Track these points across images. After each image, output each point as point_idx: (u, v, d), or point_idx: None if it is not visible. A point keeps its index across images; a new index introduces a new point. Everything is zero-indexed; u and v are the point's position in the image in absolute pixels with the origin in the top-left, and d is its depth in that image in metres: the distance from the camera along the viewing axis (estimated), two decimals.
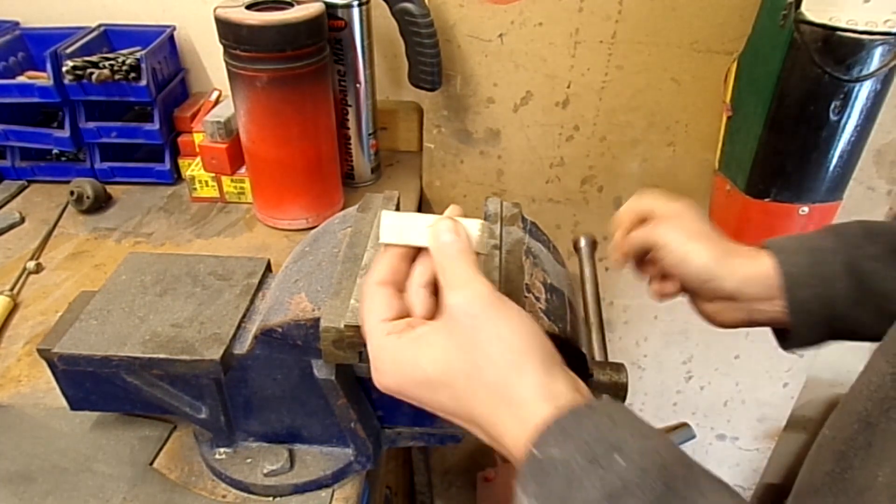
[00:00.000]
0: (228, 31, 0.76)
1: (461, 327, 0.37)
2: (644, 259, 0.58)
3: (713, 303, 0.56)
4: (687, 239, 0.54)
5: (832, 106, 0.74)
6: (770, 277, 0.52)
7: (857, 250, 0.51)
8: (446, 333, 0.37)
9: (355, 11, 0.86)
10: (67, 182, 0.95)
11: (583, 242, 0.63)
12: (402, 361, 0.38)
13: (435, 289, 0.41)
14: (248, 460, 0.57)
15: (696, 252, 0.53)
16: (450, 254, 0.39)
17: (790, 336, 0.54)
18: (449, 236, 0.40)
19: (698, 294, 0.56)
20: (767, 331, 0.58)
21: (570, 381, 0.36)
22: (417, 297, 0.41)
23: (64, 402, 0.58)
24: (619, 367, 0.54)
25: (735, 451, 1.42)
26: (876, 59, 0.70)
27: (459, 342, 0.37)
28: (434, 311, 0.40)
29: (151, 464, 0.59)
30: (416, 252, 0.42)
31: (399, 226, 0.41)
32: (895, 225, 0.53)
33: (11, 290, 0.78)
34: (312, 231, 0.59)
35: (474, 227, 0.41)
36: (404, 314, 0.40)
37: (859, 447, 0.37)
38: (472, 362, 0.36)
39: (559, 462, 0.32)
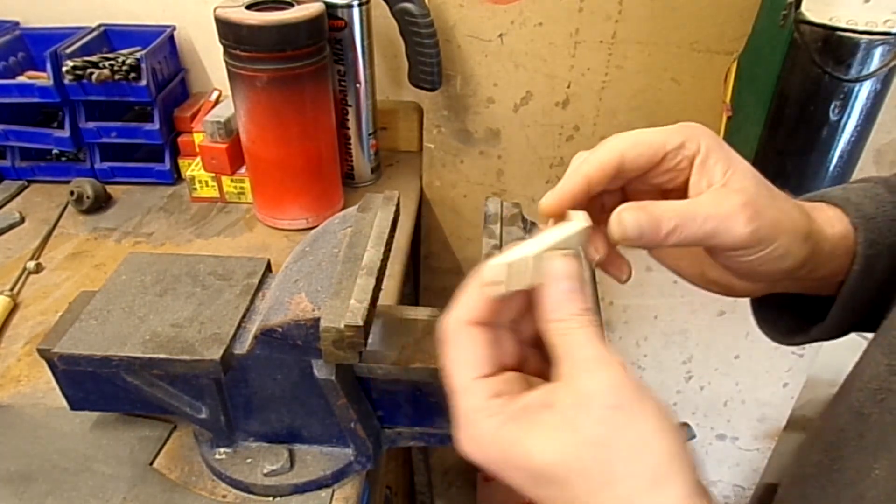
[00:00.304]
0: (228, 31, 0.76)
1: (594, 421, 0.30)
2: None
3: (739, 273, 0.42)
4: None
5: (832, 106, 0.74)
6: (841, 247, 0.41)
7: None
8: (572, 423, 0.30)
9: (355, 11, 0.86)
10: (67, 182, 0.95)
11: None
12: (503, 440, 0.31)
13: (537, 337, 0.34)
14: (248, 460, 0.57)
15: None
16: (574, 321, 0.32)
17: (817, 327, 0.45)
18: (567, 287, 0.32)
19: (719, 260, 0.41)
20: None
21: None
22: (528, 355, 0.35)
23: (64, 402, 0.58)
24: None
25: (735, 451, 1.42)
26: (876, 59, 0.70)
27: (589, 438, 0.29)
28: (546, 371, 0.33)
29: (151, 464, 0.59)
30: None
31: (505, 270, 0.32)
32: None
33: (11, 290, 0.78)
34: (312, 231, 0.59)
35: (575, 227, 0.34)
36: (502, 365, 0.34)
37: (850, 438, 0.36)
38: (602, 467, 0.29)
39: None
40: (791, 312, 0.47)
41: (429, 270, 1.22)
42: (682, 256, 0.45)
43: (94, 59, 0.91)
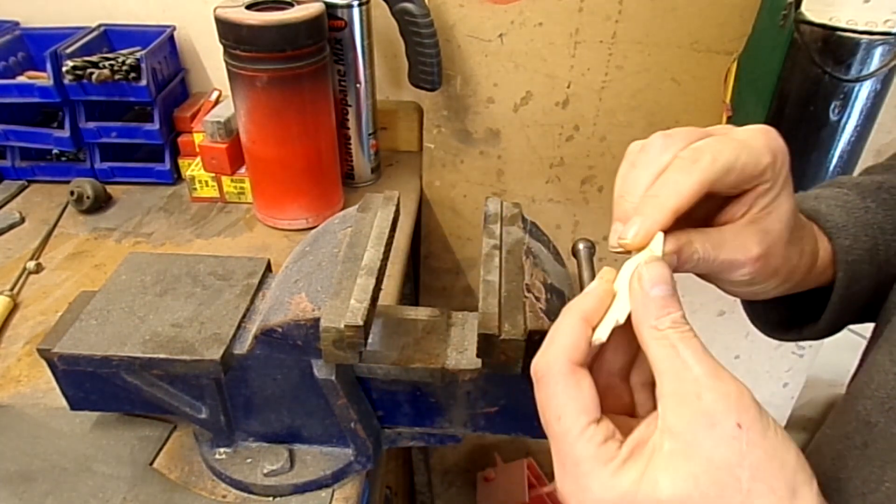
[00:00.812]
0: (228, 31, 0.76)
1: (719, 442, 0.28)
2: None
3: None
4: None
5: (832, 106, 0.74)
6: (824, 263, 0.42)
7: None
8: (696, 447, 0.28)
9: (355, 11, 0.86)
10: (67, 182, 0.95)
11: (581, 246, 0.63)
12: (622, 486, 0.29)
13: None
14: (248, 460, 0.57)
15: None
16: (673, 332, 0.30)
17: (810, 328, 0.46)
18: (661, 291, 0.31)
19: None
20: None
21: None
22: (640, 397, 0.33)
23: (64, 402, 0.58)
24: None
25: None
26: (876, 59, 0.70)
27: (719, 461, 0.28)
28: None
29: (151, 464, 0.59)
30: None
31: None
32: None
33: (11, 290, 0.78)
34: (312, 231, 0.59)
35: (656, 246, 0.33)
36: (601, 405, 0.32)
37: (855, 447, 0.35)
38: (737, 487, 0.28)
39: None
40: (782, 308, 0.46)
41: (429, 270, 1.22)
42: None
43: (94, 59, 0.91)
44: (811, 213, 0.43)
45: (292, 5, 0.79)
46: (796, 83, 0.75)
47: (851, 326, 0.47)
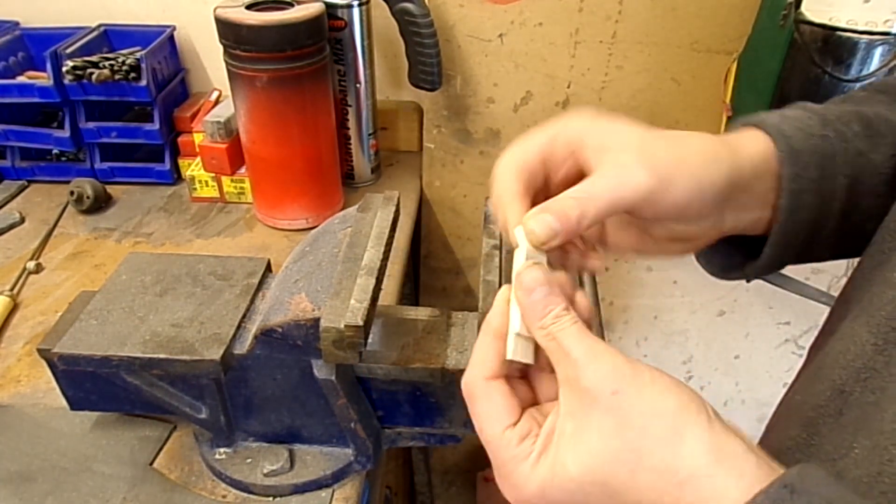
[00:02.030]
0: (228, 31, 0.76)
1: (603, 413, 0.31)
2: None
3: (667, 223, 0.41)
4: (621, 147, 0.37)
5: None
6: (770, 180, 0.40)
7: (860, 158, 0.42)
8: (586, 424, 0.31)
9: (355, 11, 0.86)
10: (67, 182, 0.95)
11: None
12: (541, 476, 0.32)
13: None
14: (248, 460, 0.57)
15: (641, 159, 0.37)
16: (555, 324, 0.33)
17: (753, 264, 0.44)
18: (540, 293, 0.34)
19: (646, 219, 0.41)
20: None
21: (740, 439, 0.30)
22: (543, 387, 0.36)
23: (64, 402, 0.58)
24: None
25: None
26: (876, 59, 0.70)
27: (606, 430, 0.31)
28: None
29: (151, 464, 0.59)
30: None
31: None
32: (889, 119, 0.43)
33: (11, 290, 0.78)
34: (312, 231, 0.59)
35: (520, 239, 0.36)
36: (521, 407, 0.35)
37: (829, 415, 0.36)
38: (629, 448, 0.30)
39: None
40: (727, 249, 0.46)
41: (429, 270, 1.22)
42: (625, 236, 0.44)
43: (94, 59, 0.91)
44: (772, 130, 0.41)
45: (292, 5, 0.79)
46: (796, 83, 0.75)
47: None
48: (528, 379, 0.37)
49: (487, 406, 0.34)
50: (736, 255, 0.45)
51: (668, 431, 0.30)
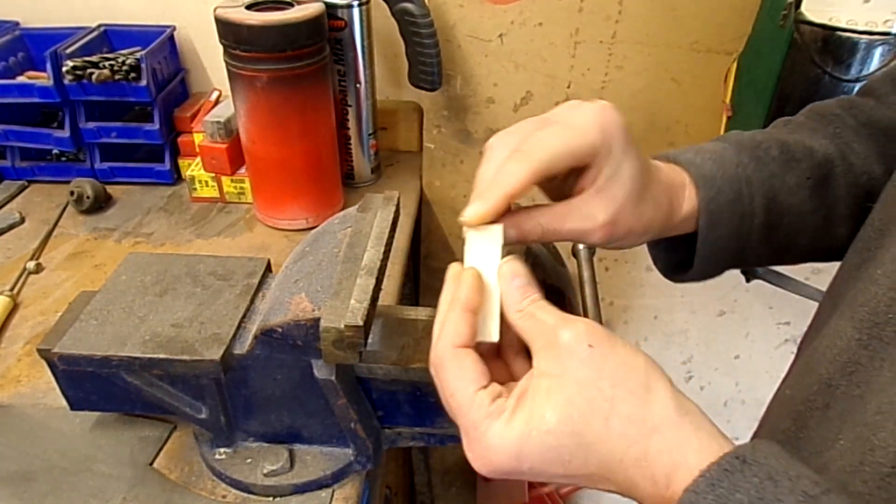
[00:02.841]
0: (228, 32, 0.76)
1: (578, 365, 0.33)
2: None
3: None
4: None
5: None
6: (687, 201, 0.46)
7: (775, 180, 0.47)
8: (562, 378, 0.33)
9: (355, 11, 0.86)
10: (67, 182, 0.95)
11: (581, 246, 0.63)
12: (516, 432, 0.33)
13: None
14: (248, 460, 0.57)
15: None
16: (531, 306, 0.36)
17: (690, 270, 0.50)
18: (518, 283, 0.37)
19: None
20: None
21: (696, 406, 0.33)
22: (516, 367, 0.38)
23: (64, 402, 0.58)
24: None
25: None
26: (876, 59, 0.70)
27: (582, 381, 0.33)
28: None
29: (151, 464, 0.59)
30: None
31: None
32: (811, 147, 0.49)
33: (11, 290, 0.78)
34: (312, 231, 0.59)
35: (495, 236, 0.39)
36: (491, 378, 0.36)
37: (816, 408, 0.38)
38: (603, 397, 0.32)
39: None
40: (671, 254, 0.52)
41: (429, 270, 1.22)
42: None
43: (94, 59, 0.91)
44: (684, 163, 0.47)
45: (292, 5, 0.79)
46: (796, 83, 0.75)
47: None
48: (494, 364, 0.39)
49: (458, 371, 0.35)
50: (678, 262, 0.51)
51: (640, 384, 0.33)
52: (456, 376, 0.35)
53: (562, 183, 0.44)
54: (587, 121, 0.41)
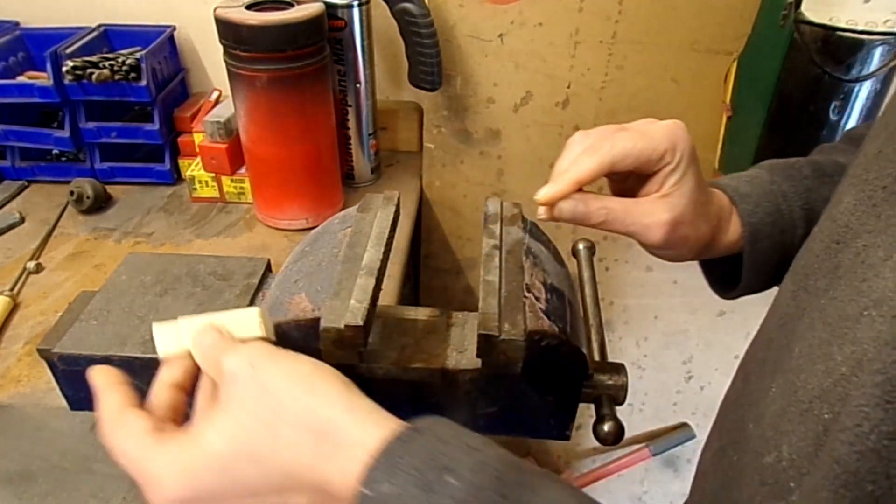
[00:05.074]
0: (228, 32, 0.76)
1: (243, 382, 0.34)
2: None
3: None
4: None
5: (832, 106, 0.74)
6: (733, 224, 0.50)
7: (811, 193, 0.50)
8: (226, 399, 0.34)
9: (355, 11, 0.86)
10: (67, 182, 0.95)
11: (581, 246, 0.63)
12: (186, 462, 0.33)
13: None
14: None
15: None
16: (211, 344, 0.38)
17: (739, 285, 0.53)
18: (209, 341, 0.39)
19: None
20: None
21: (374, 403, 0.35)
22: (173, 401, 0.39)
23: (64, 402, 0.58)
24: (618, 368, 0.54)
25: None
26: (876, 59, 0.70)
27: (247, 398, 0.34)
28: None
29: None
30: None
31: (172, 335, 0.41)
32: (843, 163, 0.52)
33: (11, 290, 0.78)
34: (312, 231, 0.59)
35: (251, 317, 0.41)
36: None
37: (756, 362, 0.41)
38: (267, 410, 0.33)
39: (392, 498, 0.30)
40: (721, 272, 0.56)
41: (429, 270, 1.22)
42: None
43: (94, 59, 0.91)
44: (723, 186, 0.51)
45: (292, 5, 0.79)
46: (796, 83, 0.76)
47: None
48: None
49: (122, 429, 0.35)
50: (728, 280, 0.55)
51: (304, 389, 0.34)
52: (122, 434, 0.35)
53: (630, 187, 0.49)
54: (658, 131, 0.45)
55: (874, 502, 0.28)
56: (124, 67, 0.90)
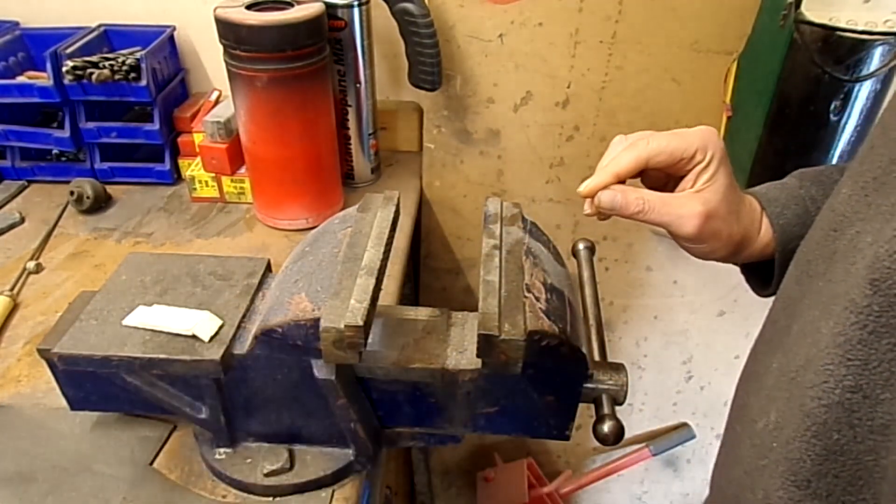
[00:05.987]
0: (228, 31, 0.76)
1: None
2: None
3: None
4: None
5: (832, 106, 0.74)
6: (764, 228, 0.54)
7: None
8: None
9: (355, 11, 0.86)
10: (67, 182, 0.95)
11: (581, 246, 0.63)
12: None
13: None
14: (248, 460, 0.57)
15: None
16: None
17: (773, 283, 0.56)
18: None
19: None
20: None
21: None
22: None
23: (64, 402, 0.58)
24: (618, 368, 0.54)
25: None
26: (876, 59, 0.70)
27: None
28: None
29: (151, 464, 0.59)
30: None
31: None
32: None
33: (11, 290, 0.78)
34: (312, 231, 0.59)
35: None
36: None
37: (764, 342, 0.45)
38: None
39: None
40: (758, 274, 0.59)
41: (429, 270, 1.22)
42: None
43: (94, 59, 0.91)
44: (754, 192, 0.55)
45: (292, 5, 0.79)
46: (796, 83, 0.76)
47: None
48: None
49: None
50: (763, 279, 0.58)
51: None
52: None
53: (664, 186, 0.53)
54: (690, 133, 0.50)
55: (840, 449, 0.33)
56: (124, 67, 0.90)
